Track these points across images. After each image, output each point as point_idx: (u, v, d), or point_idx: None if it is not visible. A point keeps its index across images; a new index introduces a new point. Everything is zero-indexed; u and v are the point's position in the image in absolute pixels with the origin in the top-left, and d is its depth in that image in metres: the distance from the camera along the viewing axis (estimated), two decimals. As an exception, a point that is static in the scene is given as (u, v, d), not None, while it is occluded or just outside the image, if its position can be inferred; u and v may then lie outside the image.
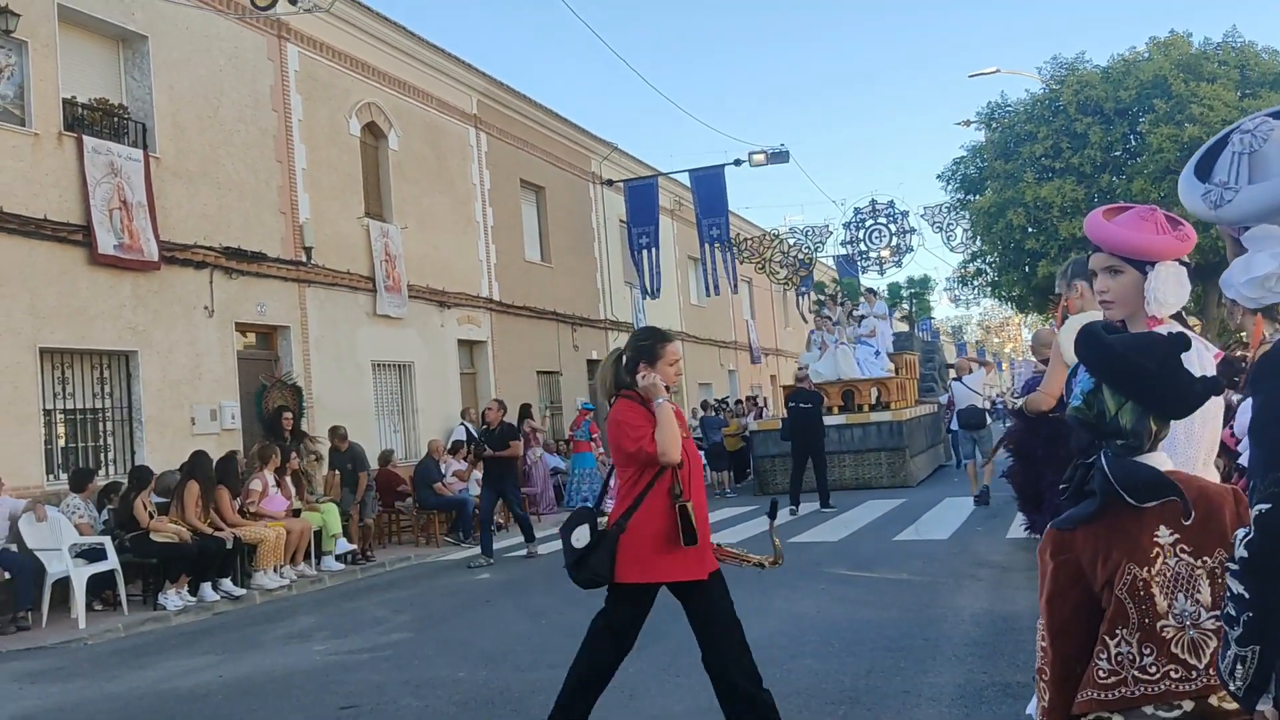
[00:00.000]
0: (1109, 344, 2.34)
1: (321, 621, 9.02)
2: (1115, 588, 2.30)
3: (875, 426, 18.53)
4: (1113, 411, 2.34)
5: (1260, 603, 1.76)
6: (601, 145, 25.17)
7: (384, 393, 16.54)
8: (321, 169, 15.28)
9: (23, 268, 10.67)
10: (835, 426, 18.16)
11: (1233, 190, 1.94)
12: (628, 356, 4.55)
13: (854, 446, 18.46)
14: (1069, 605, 2.43)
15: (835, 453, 17.90)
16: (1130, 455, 2.33)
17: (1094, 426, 2.38)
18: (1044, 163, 23.58)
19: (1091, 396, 2.38)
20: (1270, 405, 1.78)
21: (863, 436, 18.47)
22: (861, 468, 18.32)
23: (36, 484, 10.54)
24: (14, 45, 10.91)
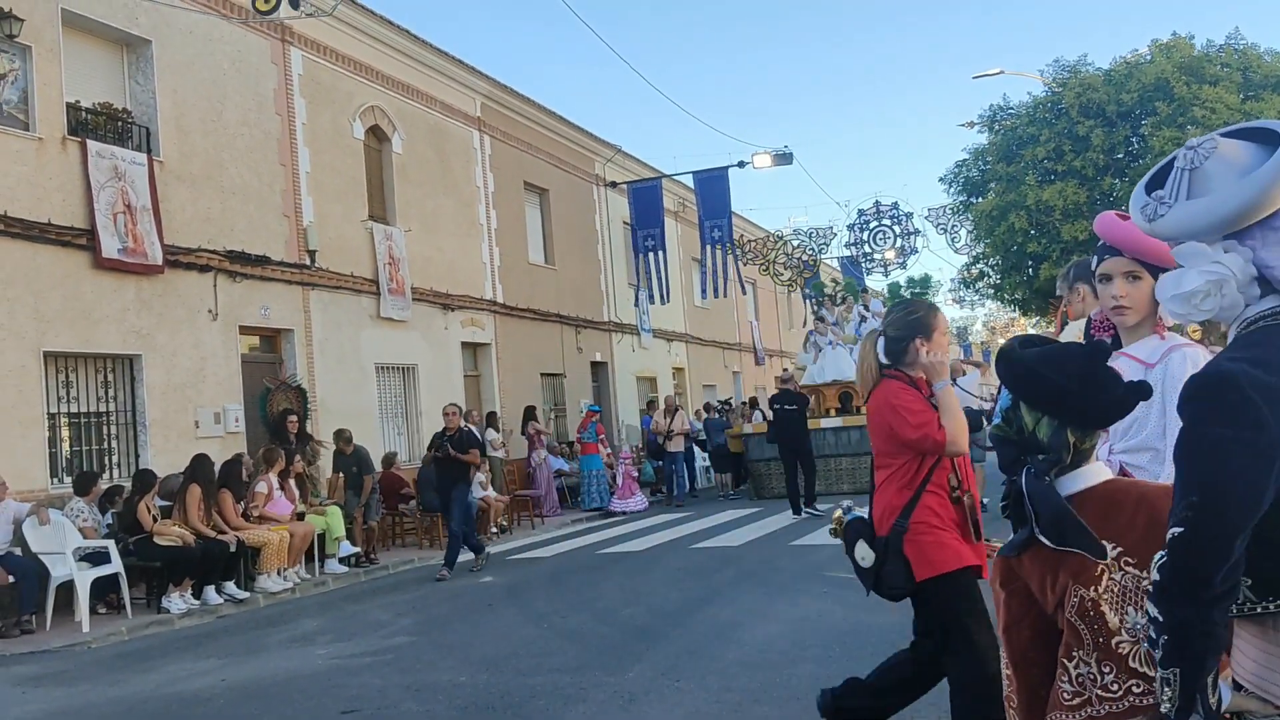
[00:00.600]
0: (1018, 359, 2.35)
1: (324, 625, 9.03)
2: (1065, 610, 2.29)
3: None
4: (1030, 427, 2.34)
5: (1173, 625, 1.77)
6: (605, 147, 25.19)
7: (388, 395, 16.56)
8: (325, 172, 15.31)
9: (27, 272, 10.70)
10: (832, 429, 18.06)
11: (1167, 205, 1.96)
12: (893, 334, 4.08)
13: (850, 449, 18.02)
14: (1025, 633, 2.45)
15: (832, 455, 17.81)
16: (1053, 469, 2.31)
17: (1015, 443, 2.37)
18: (1046, 165, 23.56)
19: (1010, 413, 2.38)
20: (1194, 428, 1.79)
21: (860, 439, 17.58)
22: (858, 472, 17.65)
23: (41, 488, 10.57)
24: (18, 50, 10.94)
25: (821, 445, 17.54)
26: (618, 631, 7.79)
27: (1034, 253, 23.67)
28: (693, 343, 30.17)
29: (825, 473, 17.43)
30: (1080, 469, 2.34)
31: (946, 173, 26.60)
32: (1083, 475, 2.34)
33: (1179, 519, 1.76)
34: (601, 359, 24.16)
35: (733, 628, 7.58)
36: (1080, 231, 22.25)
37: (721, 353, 32.20)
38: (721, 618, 7.96)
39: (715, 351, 31.43)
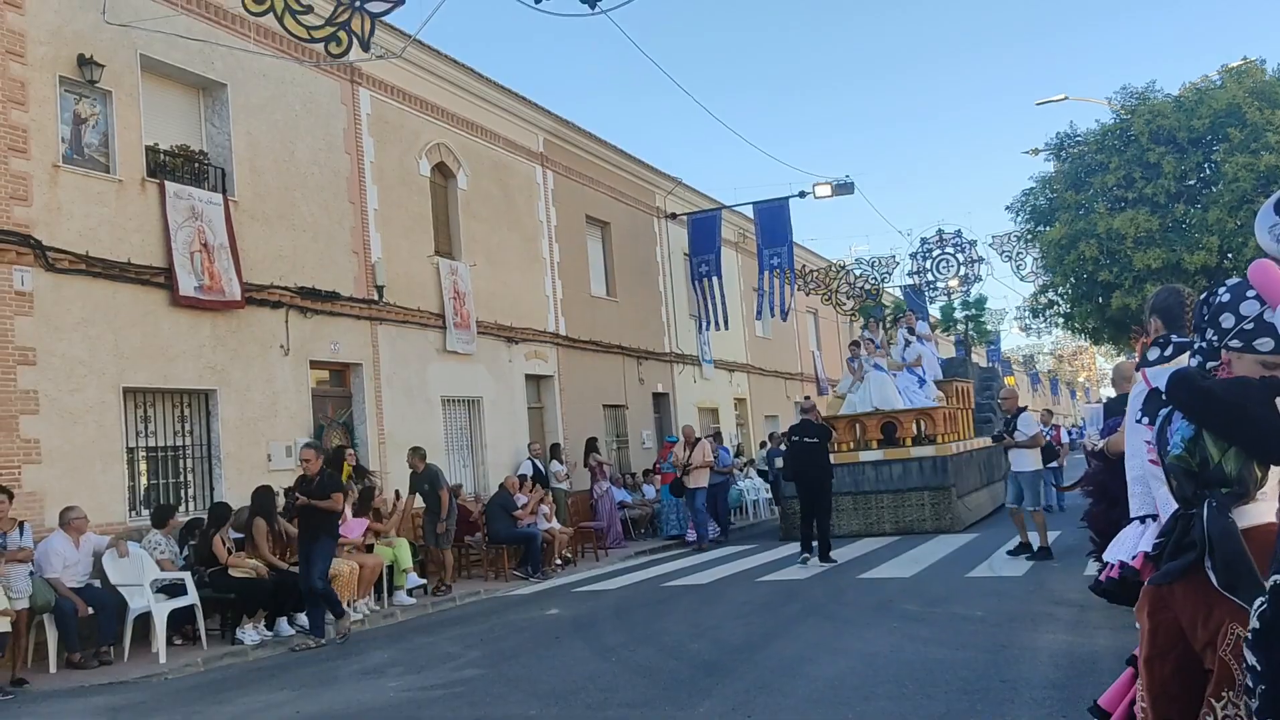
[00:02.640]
0: (1209, 388, 2.26)
1: (395, 657, 9.11)
2: (1219, 648, 2.21)
3: (917, 463, 16.77)
4: (1216, 458, 2.26)
5: (1272, 675, 1.71)
6: (665, 180, 25.33)
7: (453, 428, 16.73)
8: (392, 209, 15.59)
9: (107, 310, 11.02)
10: (873, 463, 17.03)
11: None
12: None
13: (893, 485, 16.84)
14: (1169, 667, 2.35)
15: (873, 493, 16.86)
16: (1235, 503, 2.24)
17: (1196, 475, 2.29)
18: (1116, 193, 23.22)
19: (1193, 444, 2.30)
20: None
21: (903, 474, 16.81)
22: (902, 509, 16.70)
23: (120, 520, 10.83)
24: (99, 95, 11.33)
25: (861, 481, 16.87)
26: (685, 666, 7.76)
27: (1105, 281, 23.26)
28: (754, 373, 30.07)
29: (865, 511, 16.75)
30: (1250, 505, 2.27)
31: (1013, 201, 26.35)
32: (1251, 512, 2.27)
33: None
34: (663, 390, 24.18)
35: (801, 663, 7.51)
36: (1153, 259, 21.85)
37: (784, 383, 32.06)
38: (789, 653, 7.89)
39: (777, 382, 31.29)
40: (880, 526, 16.50)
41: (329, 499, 9.98)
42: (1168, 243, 22.33)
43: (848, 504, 16.68)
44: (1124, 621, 7.33)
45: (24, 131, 10.39)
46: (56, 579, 9.38)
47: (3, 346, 9.94)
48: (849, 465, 16.90)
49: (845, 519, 16.54)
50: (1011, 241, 30.93)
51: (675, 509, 18.45)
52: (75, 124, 11.14)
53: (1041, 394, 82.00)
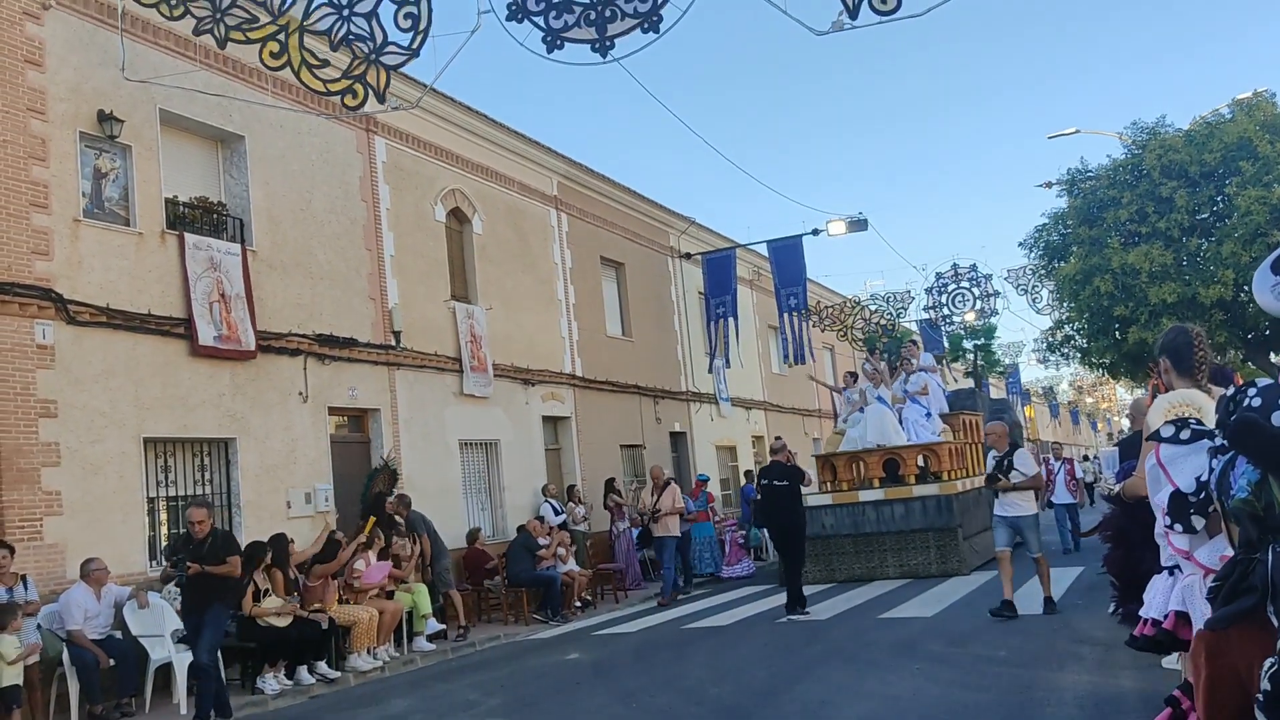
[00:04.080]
0: (1276, 433, 2.25)
1: (415, 704, 9.08)
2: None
3: (920, 502, 15.77)
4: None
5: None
6: (679, 220, 25.46)
7: (471, 471, 16.74)
8: (409, 255, 15.71)
9: (127, 361, 11.12)
10: (873, 503, 16.05)
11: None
12: None
13: (895, 526, 15.84)
14: (1228, 715, 2.31)
15: (874, 534, 15.89)
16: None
17: (1262, 520, 2.27)
18: (1129, 228, 23.20)
19: (1259, 488, 2.28)
20: None
21: (905, 515, 15.83)
22: (905, 553, 15.73)
23: (140, 571, 10.86)
24: (119, 150, 11.51)
25: (862, 523, 16.03)
26: (708, 711, 7.71)
27: (1121, 316, 23.18)
28: (772, 410, 30.02)
29: (867, 554, 15.91)
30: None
31: (1026, 237, 26.35)
32: None
33: None
34: (680, 429, 24.16)
35: (825, 707, 7.45)
36: (1168, 294, 21.76)
37: (801, 420, 31.99)
38: (812, 696, 7.84)
39: (795, 418, 31.22)
40: (883, 570, 15.71)
41: (225, 563, 8.84)
42: (1182, 277, 22.26)
43: (848, 547, 16.07)
44: (1149, 661, 7.24)
45: (45, 187, 10.55)
46: (78, 631, 9.40)
47: (25, 399, 10.03)
48: (848, 506, 16.27)
49: (846, 563, 16.03)
50: (1027, 275, 30.88)
51: (710, 548, 18.40)
52: (96, 178, 11.30)
53: (1061, 425, 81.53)
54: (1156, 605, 3.65)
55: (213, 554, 8.81)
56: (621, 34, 9.14)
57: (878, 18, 8.91)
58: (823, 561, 16.02)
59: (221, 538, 9.05)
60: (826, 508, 16.36)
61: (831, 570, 16.01)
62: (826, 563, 16.07)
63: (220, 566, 8.79)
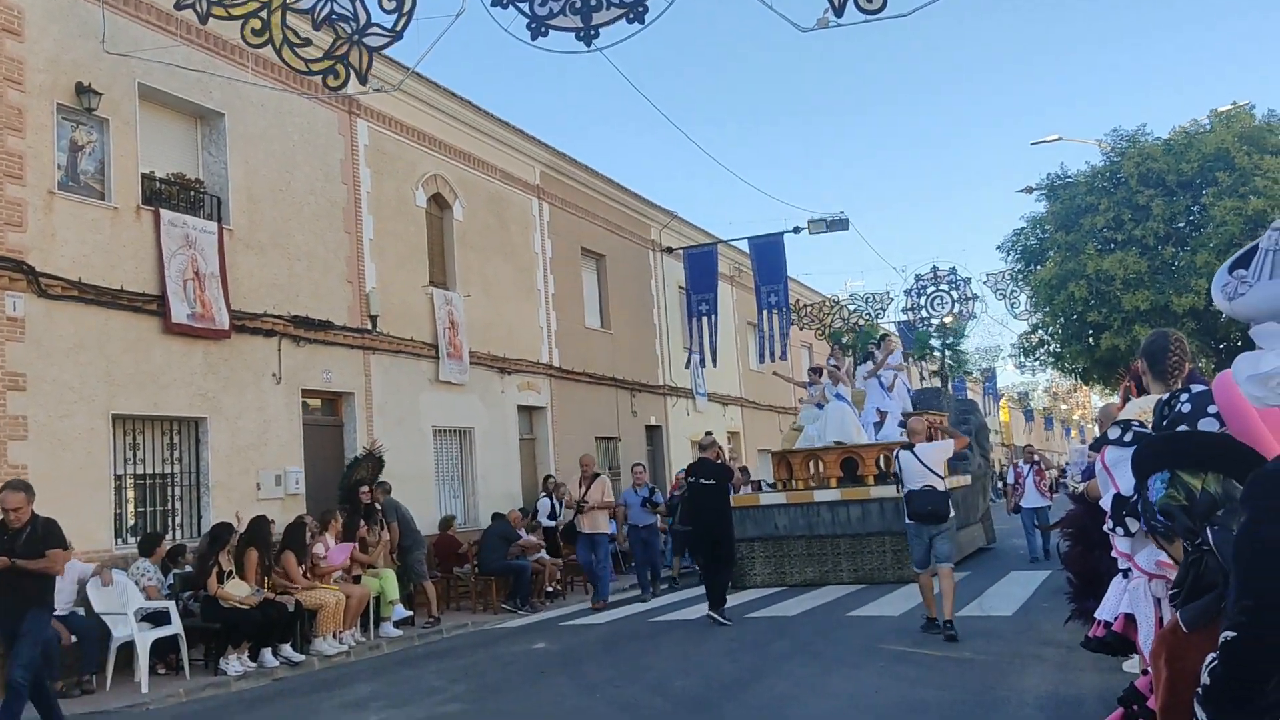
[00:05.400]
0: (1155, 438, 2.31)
1: (379, 690, 9.05)
2: None
3: (878, 504, 14.86)
4: (1198, 487, 2.36)
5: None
6: (661, 213, 25.44)
7: (445, 458, 16.69)
8: (388, 239, 15.63)
9: (99, 336, 11.01)
10: (828, 504, 15.30)
11: (1248, 285, 1.93)
12: None
13: (851, 529, 15.03)
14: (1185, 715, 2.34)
15: (828, 537, 15.16)
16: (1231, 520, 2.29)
17: (1188, 509, 2.35)
18: (1106, 234, 23.37)
19: (1173, 484, 2.39)
20: (1251, 528, 1.75)
21: (862, 517, 15.02)
22: (860, 557, 14.97)
23: (105, 548, 10.77)
24: (96, 123, 11.38)
25: (816, 524, 15.24)
26: (671, 704, 7.72)
27: (1094, 322, 23.36)
28: (748, 406, 30.08)
29: (820, 558, 15.15)
30: None
31: (1004, 240, 26.50)
32: None
33: (1233, 623, 1.73)
34: (656, 422, 24.17)
35: (788, 702, 7.47)
36: (1141, 301, 21.93)
37: (777, 417, 32.04)
38: (777, 690, 7.86)
39: (771, 415, 31.28)
40: (837, 575, 14.94)
41: (44, 558, 7.33)
42: (1156, 285, 22.45)
43: (800, 549, 15.31)
44: (1110, 664, 7.29)
45: (20, 158, 10.42)
46: (40, 607, 9.31)
47: (-7, 372, 9.92)
48: (803, 506, 15.48)
49: (798, 566, 15.31)
50: (1005, 280, 31.07)
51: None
52: (72, 151, 11.17)
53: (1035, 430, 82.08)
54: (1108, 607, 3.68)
55: (30, 546, 7.31)
56: (606, 23, 9.13)
57: (863, 16, 8.93)
58: (774, 564, 15.47)
59: (43, 527, 7.46)
60: (780, 507, 15.67)
61: (783, 573, 15.35)
62: (778, 565, 15.44)
63: (37, 561, 7.27)
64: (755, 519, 15.51)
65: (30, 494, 7.55)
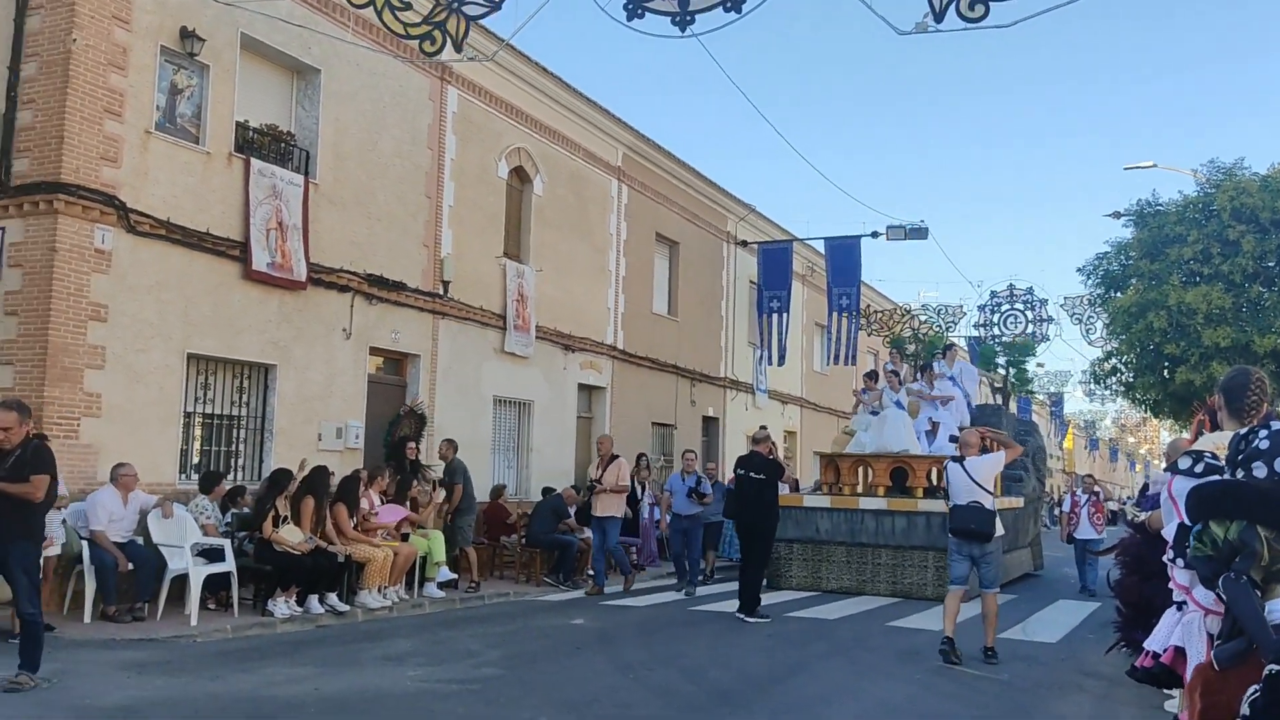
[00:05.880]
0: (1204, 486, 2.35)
1: (418, 646, 9.21)
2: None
3: (924, 518, 14.46)
4: (1222, 536, 2.46)
5: None
6: (739, 206, 25.36)
7: (502, 428, 16.87)
8: (467, 207, 15.80)
9: (181, 277, 11.30)
10: (872, 513, 14.95)
11: None
12: None
13: (894, 540, 14.71)
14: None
15: (870, 546, 14.82)
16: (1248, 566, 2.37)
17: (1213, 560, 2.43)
18: (1192, 267, 22.74)
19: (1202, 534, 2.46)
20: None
21: (906, 529, 14.66)
22: (901, 570, 14.60)
23: (169, 482, 11.07)
24: (197, 68, 11.65)
25: (858, 531, 14.94)
26: (703, 692, 7.75)
27: (1171, 354, 22.75)
28: (808, 407, 29.92)
29: (860, 566, 14.84)
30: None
31: (1086, 263, 25.88)
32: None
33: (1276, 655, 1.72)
34: (714, 414, 24.15)
35: (819, 703, 7.47)
36: (1222, 337, 21.32)
37: (836, 420, 31.82)
38: (808, 691, 7.86)
39: (830, 418, 31.08)
40: (875, 586, 14.64)
41: (27, 482, 6.86)
42: (1239, 322, 21.80)
43: (840, 556, 15.02)
44: (1154, 702, 7.19)
45: (121, 95, 10.71)
46: (101, 532, 9.63)
47: (77, 300, 10.23)
48: (846, 511, 15.14)
49: (836, 572, 14.97)
50: (1083, 305, 30.44)
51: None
52: (171, 94, 11.45)
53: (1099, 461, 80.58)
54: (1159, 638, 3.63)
55: (16, 470, 6.86)
56: (704, 10, 9.09)
57: (963, 24, 8.80)
58: (811, 567, 15.17)
59: (32, 452, 6.98)
60: (823, 511, 15.35)
61: (819, 578, 15.04)
62: (815, 568, 15.13)
63: (16, 485, 6.81)
64: (797, 520, 15.26)
65: (24, 414, 7.13)
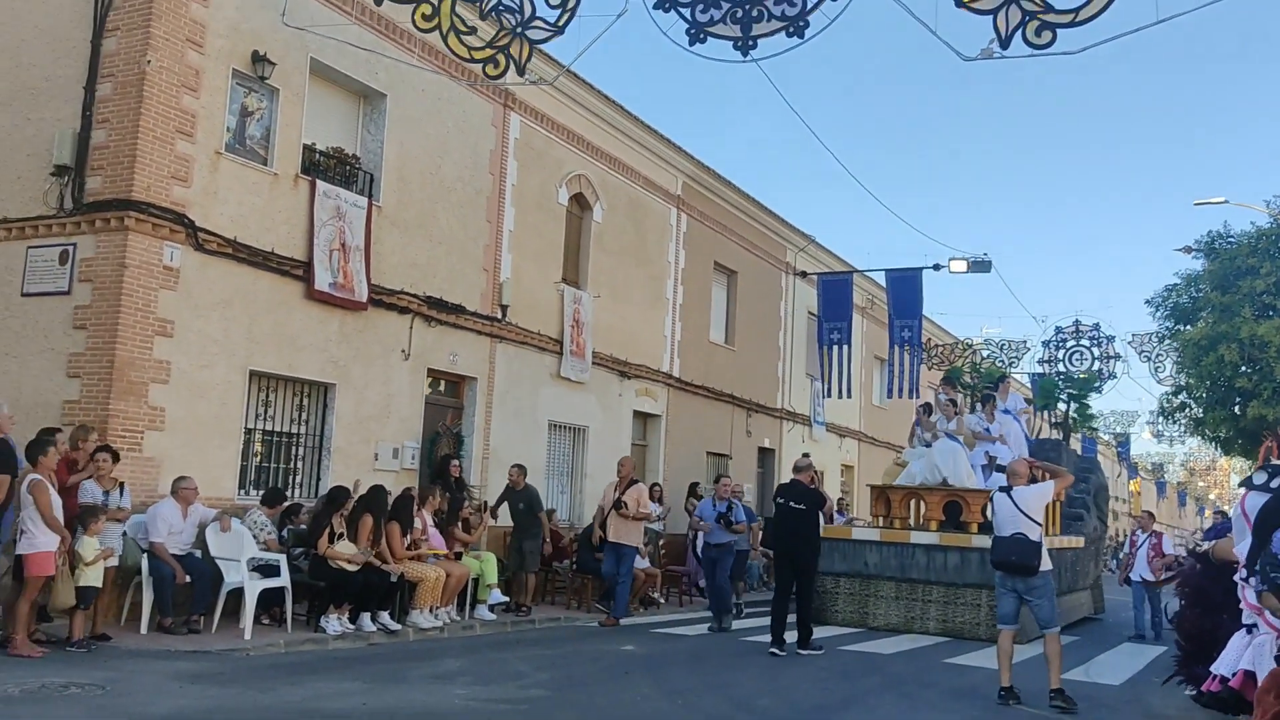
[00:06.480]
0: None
1: (467, 666, 9.19)
2: None
3: (978, 554, 13.62)
4: None
5: None
6: (799, 236, 25.27)
7: (557, 453, 16.89)
8: (527, 232, 15.93)
9: (246, 294, 11.50)
10: (923, 547, 14.40)
11: None
12: None
13: (946, 577, 14.10)
14: None
15: (920, 582, 14.28)
16: None
17: None
18: (1265, 300, 22.16)
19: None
20: None
21: (959, 566, 14.05)
22: (952, 607, 13.96)
23: (229, 496, 11.22)
24: (267, 91, 11.91)
25: (909, 566, 14.38)
26: (752, 720, 7.63)
27: (1243, 389, 22.14)
28: (865, 441, 29.60)
29: (909, 602, 14.29)
30: None
31: (1155, 295, 25.30)
32: None
33: None
34: (770, 445, 23.98)
35: (871, 736, 7.30)
36: (1294, 372, 20.74)
37: (895, 455, 31.43)
38: (861, 724, 7.69)
39: (888, 453, 30.68)
40: (924, 623, 14.06)
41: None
42: None
43: (889, 591, 14.46)
44: (1220, 745, 6.92)
45: (193, 116, 10.98)
46: (160, 544, 9.76)
47: (145, 316, 10.45)
48: (896, 546, 14.59)
49: (884, 608, 14.42)
50: (1152, 342, 29.78)
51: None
52: (241, 116, 11.71)
53: (1167, 504, 78.61)
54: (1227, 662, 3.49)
55: None
56: (765, 35, 9.11)
57: (1029, 50, 8.71)
58: (858, 602, 14.61)
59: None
60: (871, 544, 14.83)
61: (866, 614, 14.48)
62: (862, 604, 14.57)
63: None
64: (844, 553, 14.82)
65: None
